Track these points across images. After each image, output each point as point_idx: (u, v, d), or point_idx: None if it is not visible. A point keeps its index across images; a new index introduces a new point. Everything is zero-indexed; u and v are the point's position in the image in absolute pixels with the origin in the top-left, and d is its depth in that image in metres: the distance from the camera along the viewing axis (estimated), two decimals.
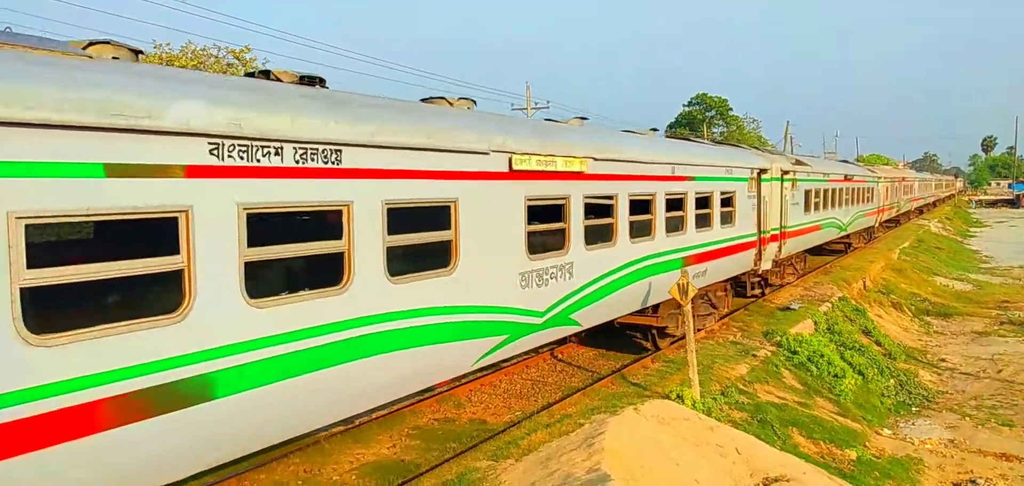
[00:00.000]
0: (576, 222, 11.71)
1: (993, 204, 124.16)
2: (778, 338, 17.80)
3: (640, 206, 13.67)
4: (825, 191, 28.23)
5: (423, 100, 10.43)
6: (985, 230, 72.98)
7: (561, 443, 10.01)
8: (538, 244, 10.97)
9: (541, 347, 15.26)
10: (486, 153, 9.71)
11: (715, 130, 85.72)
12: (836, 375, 17.11)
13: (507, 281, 10.27)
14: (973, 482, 12.98)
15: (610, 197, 12.71)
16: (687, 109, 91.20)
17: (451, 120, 9.41)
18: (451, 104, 10.45)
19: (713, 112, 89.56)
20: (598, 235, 12.47)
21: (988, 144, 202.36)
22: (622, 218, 13.00)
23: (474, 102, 10.87)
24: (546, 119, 14.36)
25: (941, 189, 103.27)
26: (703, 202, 16.25)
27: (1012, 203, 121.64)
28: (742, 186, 18.40)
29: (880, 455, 13.83)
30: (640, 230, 13.71)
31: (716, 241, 16.87)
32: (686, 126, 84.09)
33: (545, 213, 11.39)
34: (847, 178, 32.90)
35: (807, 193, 25.19)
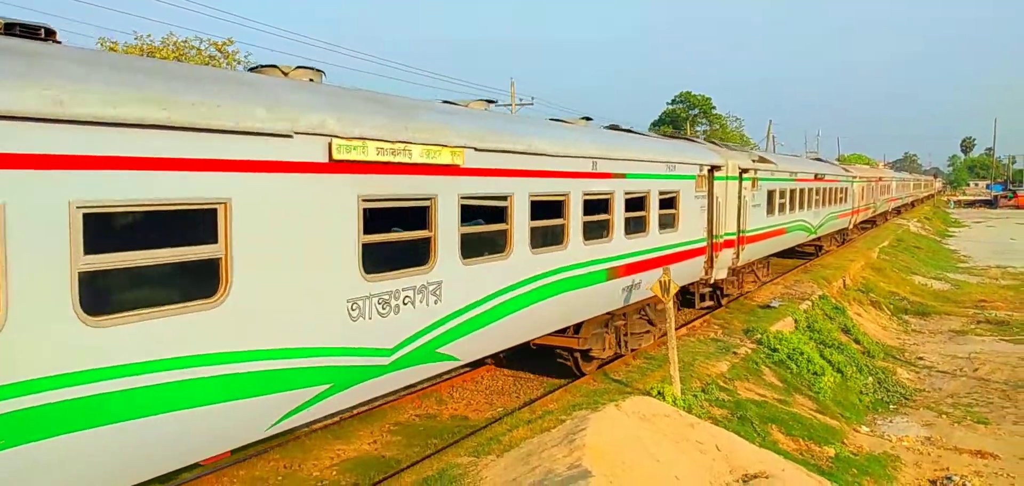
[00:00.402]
0: (447, 229, 9.12)
1: (971, 204, 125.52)
2: (758, 336, 17.93)
3: (546, 209, 11.34)
4: (792, 191, 26.27)
5: (250, 69, 8.44)
6: (963, 230, 73.78)
7: (542, 439, 10.05)
8: (382, 260, 8.35)
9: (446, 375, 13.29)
10: (287, 135, 7.09)
11: (698, 128, 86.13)
12: (815, 373, 17.27)
13: (326, 311, 7.62)
14: (949, 479, 13.15)
15: (502, 197, 10.28)
16: (671, 107, 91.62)
17: (219, 86, 6.77)
18: (286, 74, 8.27)
19: (697, 111, 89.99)
20: (482, 245, 10.08)
21: (967, 145, 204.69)
22: (519, 223, 10.51)
23: (322, 73, 8.70)
24: (444, 101, 11.33)
25: (920, 189, 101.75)
26: (636, 204, 13.95)
27: (990, 204, 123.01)
28: (688, 185, 16.36)
29: (858, 452, 13.98)
30: (547, 237, 11.44)
31: (653, 248, 14.69)
32: (669, 124, 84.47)
33: (396, 218, 9.22)
34: (818, 177, 31.14)
35: (770, 193, 23.14)
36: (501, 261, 10.28)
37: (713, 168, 18.05)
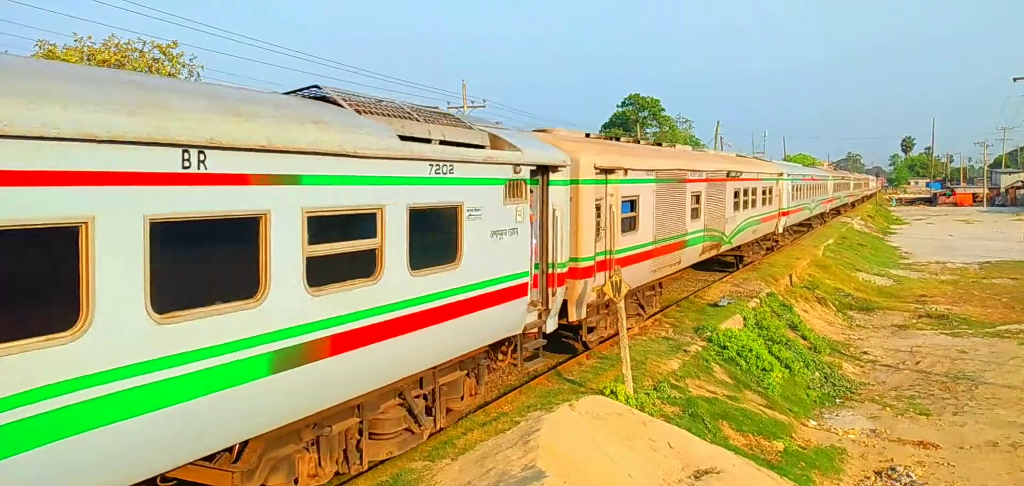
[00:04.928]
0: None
1: (912, 202, 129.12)
2: (708, 334, 18.19)
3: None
4: None
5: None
6: (904, 228, 75.77)
7: (497, 441, 10.04)
8: None
9: None
10: None
11: (648, 131, 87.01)
12: (764, 369, 17.57)
13: None
14: (893, 470, 13.50)
15: None
16: (620, 109, 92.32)
17: None
18: None
19: (646, 112, 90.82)
20: None
21: (907, 144, 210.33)
22: None
23: None
24: None
25: (847, 190, 78.00)
26: None
27: (930, 201, 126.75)
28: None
29: (806, 446, 14.26)
30: None
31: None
32: (620, 126, 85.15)
33: None
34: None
35: None
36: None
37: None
